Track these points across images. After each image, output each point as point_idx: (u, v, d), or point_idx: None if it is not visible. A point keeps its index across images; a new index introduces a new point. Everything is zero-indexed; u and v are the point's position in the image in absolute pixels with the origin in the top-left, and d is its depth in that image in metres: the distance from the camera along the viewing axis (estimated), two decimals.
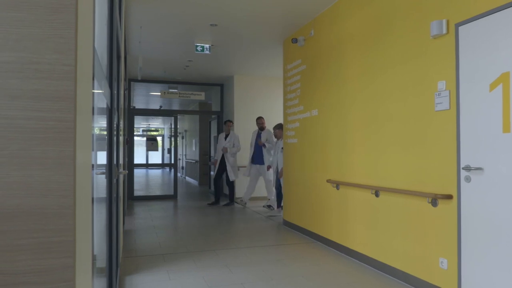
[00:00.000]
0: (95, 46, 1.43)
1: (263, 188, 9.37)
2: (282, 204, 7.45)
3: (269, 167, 8.40)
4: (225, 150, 8.92)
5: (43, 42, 0.88)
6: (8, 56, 0.85)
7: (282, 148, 7.15)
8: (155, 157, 24.07)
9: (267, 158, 8.41)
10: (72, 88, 0.89)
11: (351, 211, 4.67)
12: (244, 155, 9.59)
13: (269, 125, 9.12)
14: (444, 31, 3.31)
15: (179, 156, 18.75)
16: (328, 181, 5.12)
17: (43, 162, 0.87)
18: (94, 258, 1.84)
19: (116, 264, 3.36)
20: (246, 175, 8.82)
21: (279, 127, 7.90)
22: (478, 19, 3.03)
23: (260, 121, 8.53)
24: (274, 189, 8.29)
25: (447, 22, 3.31)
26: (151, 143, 14.92)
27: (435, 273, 3.41)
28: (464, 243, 3.14)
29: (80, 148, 0.97)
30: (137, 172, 18.83)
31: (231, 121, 9.16)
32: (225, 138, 9.04)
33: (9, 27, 0.85)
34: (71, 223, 0.88)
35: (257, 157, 8.64)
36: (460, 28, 3.18)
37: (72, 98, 0.89)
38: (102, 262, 2.70)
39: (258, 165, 8.65)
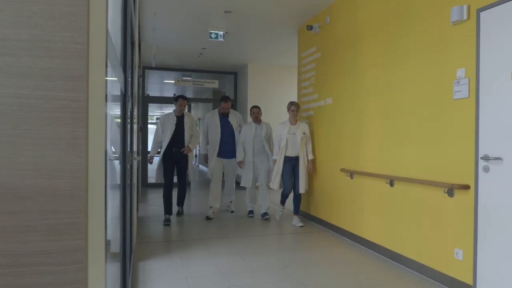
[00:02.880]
0: (109, 31, 1.40)
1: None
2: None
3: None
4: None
5: (55, 19, 0.85)
6: (19, 33, 0.83)
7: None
8: None
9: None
10: (84, 67, 0.87)
11: (365, 200, 4.63)
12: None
13: (282, 115, 9.04)
14: (465, 17, 3.22)
15: None
16: (342, 170, 5.08)
17: (55, 143, 0.85)
18: (108, 242, 1.84)
19: (130, 249, 3.38)
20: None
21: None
22: (501, 4, 2.93)
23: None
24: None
25: (468, 7, 3.21)
26: None
27: (450, 264, 3.37)
28: (481, 234, 3.08)
29: (93, 129, 0.95)
30: None
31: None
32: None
33: (21, 3, 0.83)
34: (83, 204, 0.87)
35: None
36: (482, 13, 3.08)
37: (84, 77, 0.87)
38: (116, 247, 2.72)
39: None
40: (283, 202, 6.17)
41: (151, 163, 7.30)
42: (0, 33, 0.83)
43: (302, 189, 5.81)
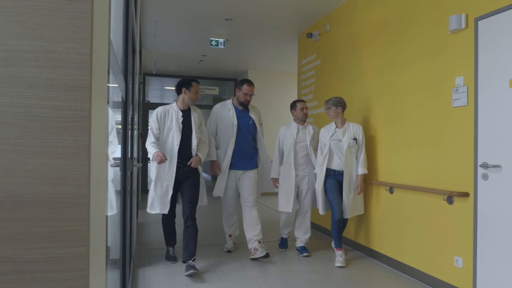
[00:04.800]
0: (111, 39, 1.43)
1: None
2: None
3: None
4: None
5: (59, 31, 0.87)
6: (24, 44, 0.85)
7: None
8: None
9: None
10: (87, 77, 0.89)
11: (365, 208, 4.63)
12: None
13: (281, 122, 9.06)
14: (463, 25, 3.25)
15: None
16: None
17: (58, 151, 0.87)
18: (108, 249, 1.85)
19: (130, 256, 3.39)
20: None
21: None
22: (499, 13, 2.96)
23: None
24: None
25: (466, 16, 3.24)
26: None
27: (450, 272, 3.37)
28: (480, 241, 3.09)
29: (95, 138, 0.96)
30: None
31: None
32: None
33: (26, 15, 0.85)
34: (86, 212, 0.89)
35: None
36: (480, 22, 3.11)
37: (87, 87, 0.89)
38: (116, 254, 2.73)
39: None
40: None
41: (164, 157, 3.84)
42: (5, 44, 0.85)
43: (346, 213, 4.30)
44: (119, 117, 2.91)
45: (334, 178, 4.36)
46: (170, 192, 4.01)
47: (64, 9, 0.88)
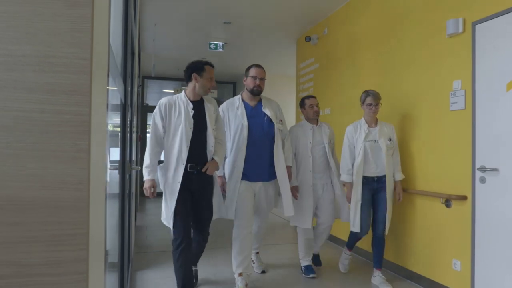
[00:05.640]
0: (111, 43, 1.43)
1: None
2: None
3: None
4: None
5: (60, 36, 0.88)
6: (25, 49, 0.86)
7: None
8: None
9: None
10: (88, 82, 0.90)
11: None
12: None
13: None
14: (460, 29, 3.26)
15: None
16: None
17: (58, 155, 0.87)
18: (106, 252, 1.86)
19: (128, 259, 3.39)
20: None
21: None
22: (496, 17, 2.98)
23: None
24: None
25: (464, 20, 3.26)
26: None
27: (448, 275, 3.37)
28: (478, 244, 3.09)
29: (95, 142, 0.97)
30: None
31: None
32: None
33: (27, 20, 0.86)
34: (85, 216, 0.89)
35: None
36: (477, 26, 3.13)
37: (87, 92, 0.90)
38: (114, 257, 2.73)
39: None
40: (351, 245, 3.98)
41: (152, 195, 3.16)
42: (6, 49, 0.85)
43: (382, 229, 3.70)
44: (118, 120, 2.92)
45: (368, 187, 3.69)
46: (173, 207, 3.06)
47: (65, 14, 0.89)
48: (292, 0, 5.14)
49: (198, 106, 3.21)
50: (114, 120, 2.88)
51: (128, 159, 3.16)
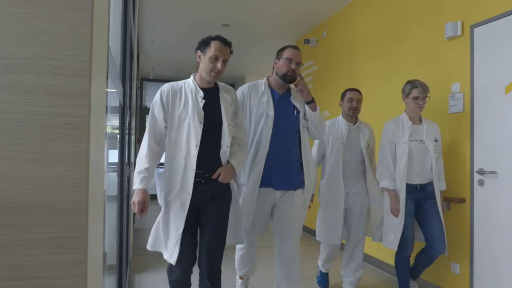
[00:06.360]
0: (110, 45, 1.43)
1: None
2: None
3: None
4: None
5: (59, 38, 0.88)
6: (24, 51, 0.86)
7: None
8: None
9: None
10: (86, 84, 0.90)
11: None
12: None
13: None
14: (459, 32, 3.27)
15: None
16: None
17: (57, 158, 0.87)
18: (105, 255, 1.85)
19: (126, 262, 3.38)
20: None
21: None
22: (494, 21, 2.99)
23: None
24: None
25: (462, 23, 3.27)
26: None
27: (447, 278, 3.37)
28: (477, 247, 3.09)
29: (93, 145, 0.97)
30: None
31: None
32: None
33: (26, 23, 0.86)
34: (84, 218, 0.89)
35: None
36: (476, 29, 3.14)
37: (86, 94, 0.90)
38: (112, 260, 2.72)
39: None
40: (413, 273, 3.27)
41: (142, 212, 2.40)
42: (5, 51, 0.85)
43: (443, 246, 3.04)
44: (116, 122, 2.92)
45: (410, 197, 3.08)
46: (181, 228, 2.30)
47: (64, 16, 0.89)
48: (291, 3, 5.15)
49: (211, 95, 2.47)
50: (112, 122, 2.88)
51: (126, 161, 3.15)
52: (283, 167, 2.77)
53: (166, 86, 2.44)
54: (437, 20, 3.54)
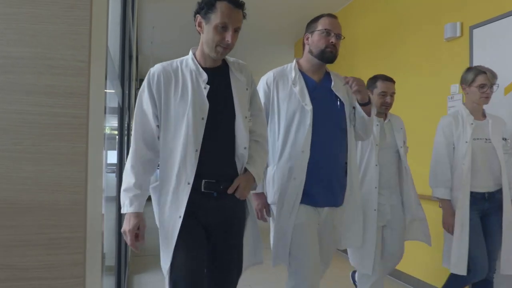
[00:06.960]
0: (109, 46, 1.43)
1: None
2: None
3: None
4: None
5: (58, 38, 0.88)
6: (23, 51, 0.86)
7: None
8: None
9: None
10: (85, 84, 0.89)
11: None
12: None
13: None
14: (458, 33, 3.28)
15: None
16: None
17: (56, 158, 0.87)
18: (103, 256, 1.84)
19: (125, 262, 3.37)
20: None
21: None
22: (493, 22, 2.99)
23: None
24: None
25: (461, 24, 3.27)
26: None
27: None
28: None
29: (92, 145, 0.97)
30: None
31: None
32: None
33: (25, 23, 0.86)
34: (82, 219, 0.88)
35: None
36: (475, 30, 3.14)
37: (85, 94, 0.89)
38: (111, 261, 2.72)
39: None
40: None
41: (137, 244, 1.79)
42: (4, 51, 0.85)
43: (503, 267, 2.49)
44: (115, 123, 2.92)
45: (475, 209, 2.49)
46: (168, 260, 1.74)
47: (63, 16, 0.88)
48: (291, 3, 5.16)
49: (218, 78, 1.80)
50: (111, 123, 2.88)
51: (125, 162, 3.15)
52: (328, 180, 2.09)
53: (156, 68, 1.79)
54: (437, 21, 3.54)
